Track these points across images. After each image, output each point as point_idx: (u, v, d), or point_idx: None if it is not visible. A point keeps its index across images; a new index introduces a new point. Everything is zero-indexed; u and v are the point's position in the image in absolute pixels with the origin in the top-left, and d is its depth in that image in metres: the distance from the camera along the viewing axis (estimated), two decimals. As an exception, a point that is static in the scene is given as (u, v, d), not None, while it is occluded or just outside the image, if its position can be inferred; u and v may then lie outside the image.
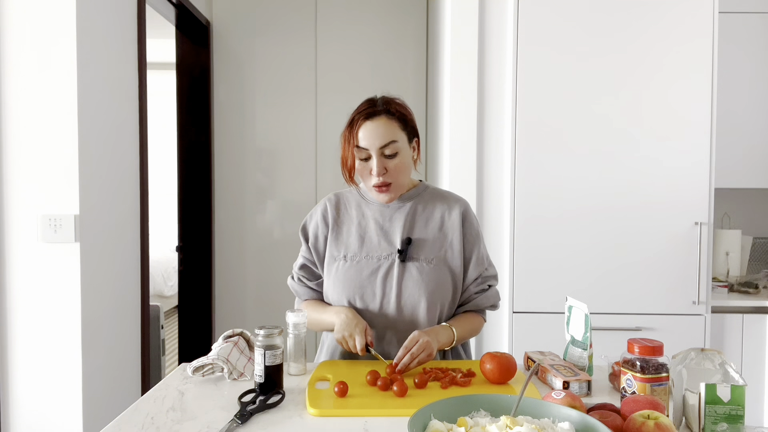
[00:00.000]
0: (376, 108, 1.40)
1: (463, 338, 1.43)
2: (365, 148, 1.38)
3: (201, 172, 3.31)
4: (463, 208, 1.49)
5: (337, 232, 1.47)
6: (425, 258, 1.42)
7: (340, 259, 1.44)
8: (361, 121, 1.38)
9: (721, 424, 0.94)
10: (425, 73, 3.36)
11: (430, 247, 1.43)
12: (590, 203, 2.28)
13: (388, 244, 1.43)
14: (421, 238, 1.44)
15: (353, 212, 1.49)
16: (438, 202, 1.49)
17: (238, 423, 1.03)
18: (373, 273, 1.41)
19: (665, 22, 2.25)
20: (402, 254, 1.41)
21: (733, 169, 2.57)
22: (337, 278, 1.43)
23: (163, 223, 5.52)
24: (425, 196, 1.50)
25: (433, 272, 1.41)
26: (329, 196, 1.53)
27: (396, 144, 1.39)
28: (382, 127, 1.38)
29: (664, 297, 2.28)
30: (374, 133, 1.37)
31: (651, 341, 1.08)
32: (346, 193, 1.54)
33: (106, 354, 2.13)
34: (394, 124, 1.39)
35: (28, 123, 1.92)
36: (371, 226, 1.46)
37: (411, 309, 1.40)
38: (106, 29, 2.12)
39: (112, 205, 2.17)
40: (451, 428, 0.88)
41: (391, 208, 1.47)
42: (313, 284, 1.51)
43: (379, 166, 1.38)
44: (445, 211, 1.48)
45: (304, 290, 1.52)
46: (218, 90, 3.36)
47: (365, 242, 1.44)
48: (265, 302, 3.37)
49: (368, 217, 1.47)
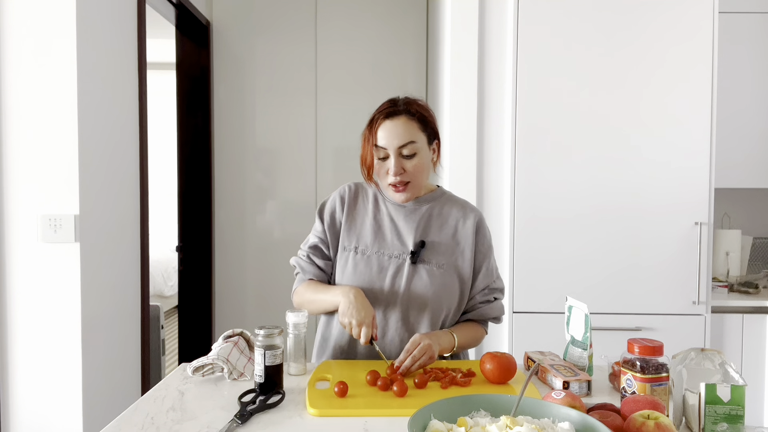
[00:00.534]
0: (397, 108, 1.40)
1: (463, 346, 1.43)
2: (384, 147, 1.38)
3: (201, 172, 3.31)
4: (478, 218, 1.49)
5: (351, 219, 1.47)
6: (436, 262, 1.42)
7: (351, 249, 1.43)
8: (381, 120, 1.38)
9: (721, 424, 0.94)
10: (425, 73, 3.36)
11: (443, 253, 1.43)
12: (590, 203, 2.28)
13: (400, 244, 1.43)
14: (434, 241, 1.44)
15: (370, 205, 1.48)
16: (454, 209, 1.49)
17: (238, 423, 1.03)
18: (383, 270, 1.41)
19: (665, 22, 2.25)
20: (414, 256, 1.40)
21: (733, 169, 2.58)
22: (346, 270, 1.43)
23: (163, 223, 5.52)
24: (441, 201, 1.50)
25: (442, 277, 1.41)
26: (349, 184, 1.52)
27: (415, 145, 1.38)
28: (401, 126, 1.38)
29: (664, 297, 2.28)
30: (393, 133, 1.37)
31: (651, 341, 1.08)
32: (366, 186, 1.52)
33: (106, 354, 2.13)
34: (413, 124, 1.39)
35: (28, 123, 1.92)
36: (386, 223, 1.45)
37: (416, 311, 1.40)
38: (106, 29, 2.12)
39: (112, 205, 2.17)
40: (451, 428, 0.88)
41: (407, 209, 1.46)
42: (321, 263, 1.47)
43: (396, 166, 1.38)
44: (460, 219, 1.48)
45: (311, 268, 1.48)
46: (218, 90, 3.36)
47: (378, 238, 1.44)
48: (265, 302, 3.37)
49: (384, 213, 1.47)
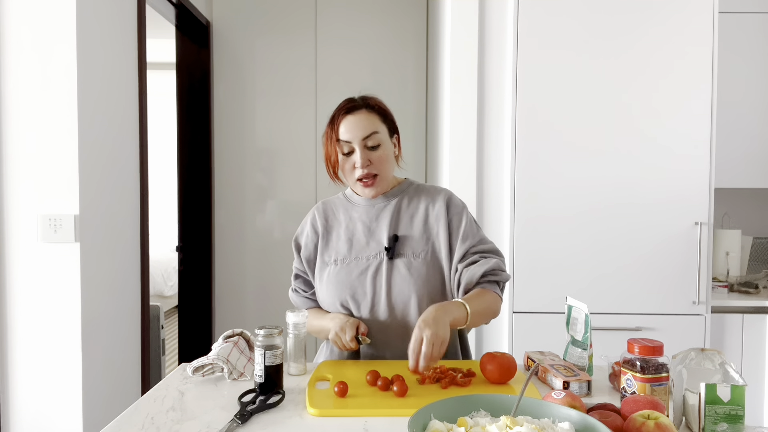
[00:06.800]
0: (355, 103, 1.43)
1: (478, 313, 1.29)
2: (348, 141, 1.39)
3: (201, 172, 3.31)
4: (446, 197, 1.48)
5: (327, 238, 1.48)
6: (412, 253, 1.41)
7: (331, 263, 1.45)
8: (341, 116, 1.41)
9: (721, 424, 0.94)
10: (425, 73, 3.36)
11: (417, 242, 1.43)
12: (590, 203, 2.28)
13: (376, 244, 1.43)
14: (407, 234, 1.44)
15: (341, 217, 1.50)
16: (422, 197, 1.49)
17: (238, 423, 1.03)
18: (362, 273, 1.41)
19: (665, 23, 2.25)
20: (389, 251, 1.41)
21: (733, 169, 2.58)
22: (329, 282, 1.44)
23: (163, 223, 5.52)
24: (410, 192, 1.50)
25: (421, 266, 1.40)
26: (317, 205, 1.55)
27: (378, 135, 1.40)
28: (363, 120, 1.40)
29: (664, 297, 2.28)
30: (356, 126, 1.39)
31: (651, 341, 1.08)
32: (333, 200, 1.55)
33: (106, 354, 2.13)
34: (374, 116, 1.42)
35: (28, 123, 1.92)
36: (359, 228, 1.46)
37: (402, 305, 1.39)
38: (106, 29, 2.12)
39: (112, 205, 2.17)
40: (451, 428, 0.88)
41: (377, 208, 1.47)
42: (310, 294, 1.52)
43: (362, 158, 1.39)
44: (429, 203, 1.47)
45: (302, 301, 1.53)
46: (218, 90, 3.36)
47: (353, 244, 1.45)
48: (265, 302, 3.37)
49: (355, 219, 1.48)
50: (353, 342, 1.33)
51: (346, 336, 1.33)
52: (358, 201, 1.50)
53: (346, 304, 1.42)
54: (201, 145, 3.30)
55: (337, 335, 1.35)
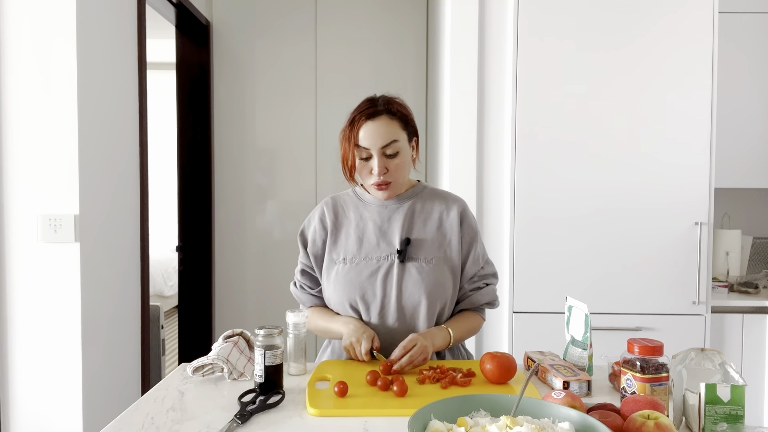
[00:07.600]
0: (377, 108, 1.39)
1: (460, 339, 1.44)
2: (366, 148, 1.38)
3: (201, 172, 3.31)
4: (461, 208, 1.49)
5: (335, 235, 1.47)
6: (425, 258, 1.41)
7: (340, 262, 1.43)
8: (362, 121, 1.38)
9: (721, 424, 0.94)
10: (425, 73, 3.36)
11: (429, 247, 1.43)
12: (590, 203, 2.28)
13: (387, 245, 1.42)
14: (419, 238, 1.43)
15: (351, 215, 1.48)
16: (436, 202, 1.49)
17: (238, 423, 1.03)
18: (372, 274, 1.40)
19: (665, 22, 2.25)
20: (401, 254, 1.40)
21: (733, 169, 2.57)
22: (337, 281, 1.42)
23: (163, 223, 5.52)
24: (423, 196, 1.50)
25: (432, 272, 1.40)
26: (326, 200, 1.53)
27: (397, 144, 1.39)
28: (383, 127, 1.37)
29: (664, 297, 2.28)
30: (376, 133, 1.37)
31: (651, 341, 1.08)
32: (343, 196, 1.53)
33: (106, 354, 2.13)
34: (395, 123, 1.39)
35: (28, 123, 1.92)
36: (369, 228, 1.45)
37: (412, 309, 1.39)
38: (106, 29, 2.12)
39: (112, 205, 2.17)
40: (451, 428, 0.88)
41: (389, 209, 1.46)
42: (315, 291, 1.50)
43: (380, 166, 1.37)
44: (444, 210, 1.47)
45: (307, 297, 1.51)
46: (218, 90, 3.36)
47: (363, 244, 1.43)
48: (265, 302, 3.37)
49: (366, 218, 1.46)
50: (368, 356, 1.32)
51: (362, 348, 1.31)
52: (370, 200, 1.48)
53: (355, 304, 1.40)
54: (201, 145, 3.30)
55: (352, 345, 1.33)
